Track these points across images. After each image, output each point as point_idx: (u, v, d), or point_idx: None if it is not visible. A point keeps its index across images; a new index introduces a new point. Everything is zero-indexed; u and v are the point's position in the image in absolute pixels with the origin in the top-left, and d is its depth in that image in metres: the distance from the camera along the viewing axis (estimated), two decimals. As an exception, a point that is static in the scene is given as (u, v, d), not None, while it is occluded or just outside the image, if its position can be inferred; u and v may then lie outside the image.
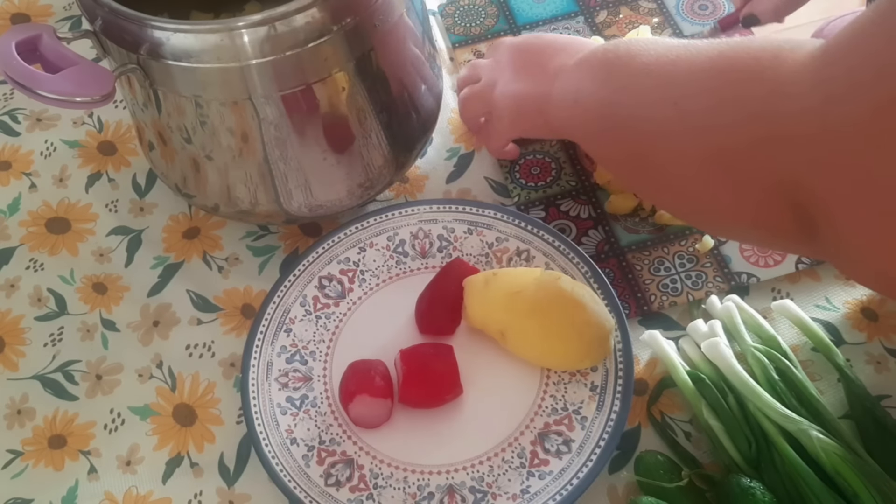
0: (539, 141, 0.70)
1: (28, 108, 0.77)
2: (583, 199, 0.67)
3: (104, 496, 0.57)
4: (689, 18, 0.77)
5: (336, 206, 0.62)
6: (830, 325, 0.59)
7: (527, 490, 0.53)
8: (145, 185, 0.71)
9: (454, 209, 0.65)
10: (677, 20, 0.77)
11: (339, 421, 0.58)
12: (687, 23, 0.77)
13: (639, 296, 0.61)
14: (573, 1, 0.80)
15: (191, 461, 0.58)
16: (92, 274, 0.67)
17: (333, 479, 0.55)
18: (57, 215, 0.70)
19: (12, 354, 0.64)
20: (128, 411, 0.61)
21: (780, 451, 0.51)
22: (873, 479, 0.48)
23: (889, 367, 0.57)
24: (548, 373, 0.58)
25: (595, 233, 0.65)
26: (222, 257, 0.67)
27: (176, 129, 0.57)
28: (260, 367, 0.59)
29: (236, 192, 0.60)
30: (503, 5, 0.80)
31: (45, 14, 0.83)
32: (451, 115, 0.73)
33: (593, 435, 0.54)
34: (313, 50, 0.51)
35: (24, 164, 0.73)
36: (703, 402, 0.54)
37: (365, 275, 0.64)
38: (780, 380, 0.54)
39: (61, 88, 0.49)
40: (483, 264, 0.63)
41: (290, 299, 0.62)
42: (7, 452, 0.60)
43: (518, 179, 0.68)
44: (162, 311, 0.65)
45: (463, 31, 0.79)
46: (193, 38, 0.50)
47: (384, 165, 0.62)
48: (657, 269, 0.62)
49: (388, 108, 0.60)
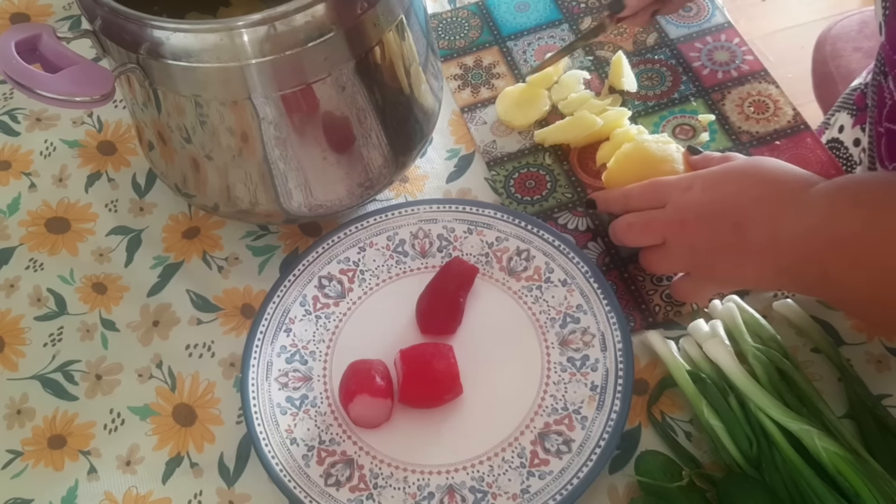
0: (533, 154, 0.69)
1: (28, 107, 0.77)
2: (580, 211, 0.66)
3: (104, 496, 0.57)
4: (674, 21, 0.77)
5: (336, 205, 0.62)
6: (830, 326, 0.59)
7: (527, 490, 0.53)
8: (145, 184, 0.71)
9: (454, 209, 0.65)
10: (662, 23, 0.77)
11: (339, 421, 0.58)
12: (672, 25, 0.76)
13: (643, 307, 0.61)
14: (556, 9, 0.79)
15: (191, 461, 0.58)
16: (92, 274, 0.67)
17: (333, 479, 0.55)
18: (57, 215, 0.70)
19: (12, 354, 0.64)
20: (128, 411, 0.61)
21: (782, 450, 0.51)
22: (874, 479, 0.48)
23: (890, 366, 0.57)
24: (548, 373, 0.58)
25: (595, 245, 0.65)
26: (222, 257, 0.67)
27: (176, 128, 0.57)
28: (260, 366, 0.59)
29: (236, 192, 0.60)
30: (486, 16, 0.79)
31: (45, 14, 0.83)
32: (451, 116, 0.73)
33: (593, 435, 0.54)
34: (313, 50, 0.51)
35: (24, 163, 0.73)
36: (703, 402, 0.54)
37: (365, 274, 0.64)
38: (781, 379, 0.54)
39: (61, 88, 0.49)
40: (483, 264, 0.63)
41: (289, 299, 0.62)
42: (7, 452, 0.60)
43: (514, 194, 0.68)
44: (162, 310, 0.65)
45: (447, 45, 0.78)
46: (193, 38, 0.50)
47: (384, 165, 0.62)
48: (659, 278, 0.62)
49: (388, 108, 0.60)
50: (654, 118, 0.71)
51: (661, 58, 0.75)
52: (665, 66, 0.74)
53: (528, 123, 0.71)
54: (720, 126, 0.70)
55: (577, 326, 0.59)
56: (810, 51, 1.10)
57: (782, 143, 0.68)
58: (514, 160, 0.70)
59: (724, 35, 0.75)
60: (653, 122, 0.71)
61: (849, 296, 0.52)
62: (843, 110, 0.86)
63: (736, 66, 0.73)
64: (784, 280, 0.54)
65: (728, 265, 0.55)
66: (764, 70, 0.73)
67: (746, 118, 0.70)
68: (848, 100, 0.87)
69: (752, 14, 1.90)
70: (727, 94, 0.71)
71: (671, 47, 0.75)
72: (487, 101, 0.74)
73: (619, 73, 0.72)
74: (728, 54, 0.74)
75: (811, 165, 0.66)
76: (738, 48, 0.74)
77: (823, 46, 1.07)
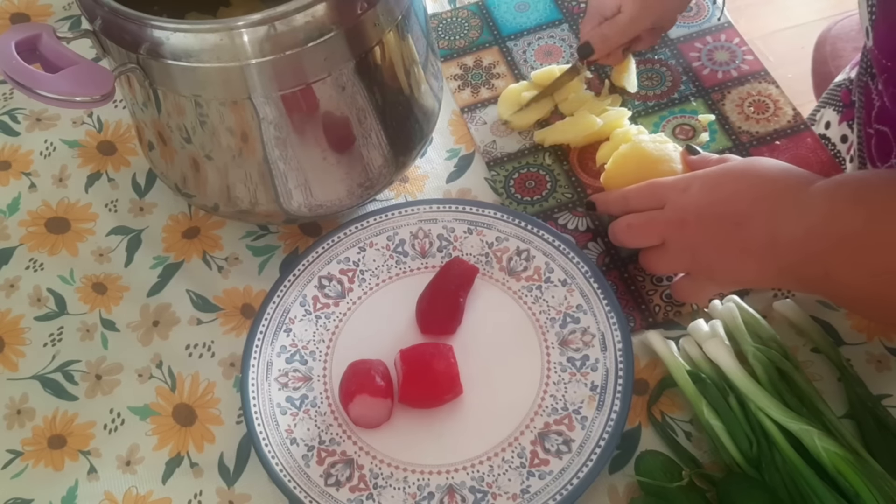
0: (532, 154, 0.70)
1: (28, 107, 0.77)
2: (580, 212, 0.66)
3: (104, 496, 0.57)
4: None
5: (336, 205, 0.62)
6: (830, 326, 0.59)
7: (527, 490, 0.53)
8: (145, 184, 0.71)
9: (454, 209, 0.65)
10: None
11: (339, 421, 0.58)
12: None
13: (643, 307, 0.61)
14: (556, 9, 0.79)
15: (191, 461, 0.58)
16: (92, 274, 0.67)
17: (333, 479, 0.55)
18: (56, 215, 0.70)
19: (12, 354, 0.64)
20: (127, 411, 0.61)
21: (782, 450, 0.51)
22: (874, 479, 0.48)
23: (890, 366, 0.57)
24: (548, 373, 0.58)
25: (595, 245, 0.65)
26: (222, 257, 0.67)
27: (175, 128, 0.57)
28: (260, 366, 0.59)
29: (236, 192, 0.60)
30: (486, 16, 0.79)
31: (45, 14, 0.83)
32: (451, 116, 0.73)
33: (593, 435, 0.54)
34: (313, 50, 0.51)
35: (24, 163, 0.73)
36: (703, 402, 0.54)
37: (365, 274, 0.64)
38: (781, 379, 0.54)
39: (61, 88, 0.49)
40: (483, 264, 0.63)
41: (289, 299, 0.62)
42: (7, 452, 0.60)
43: (514, 194, 0.68)
44: (162, 310, 0.65)
45: (447, 45, 0.78)
46: (193, 38, 0.50)
47: (384, 165, 0.62)
48: (659, 279, 0.62)
49: (388, 108, 0.60)
50: (654, 118, 0.71)
51: (661, 58, 0.75)
52: (665, 66, 0.74)
53: (529, 123, 0.71)
54: (720, 126, 0.70)
55: (577, 326, 0.59)
56: (810, 51, 1.10)
57: (782, 143, 0.68)
58: (514, 160, 0.70)
59: (724, 35, 0.75)
60: (653, 122, 0.71)
61: (851, 294, 0.52)
62: (828, 106, 0.86)
63: (736, 66, 0.73)
64: (786, 279, 0.54)
65: (729, 265, 0.55)
66: (764, 70, 0.73)
67: (746, 118, 0.70)
68: (833, 95, 0.86)
69: (752, 14, 1.90)
70: (727, 94, 0.71)
71: (671, 47, 0.75)
72: (487, 101, 0.74)
73: (624, 71, 0.72)
74: (728, 54, 0.74)
75: (811, 165, 0.66)
76: (738, 48, 0.74)
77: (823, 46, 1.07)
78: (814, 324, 0.58)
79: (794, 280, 0.53)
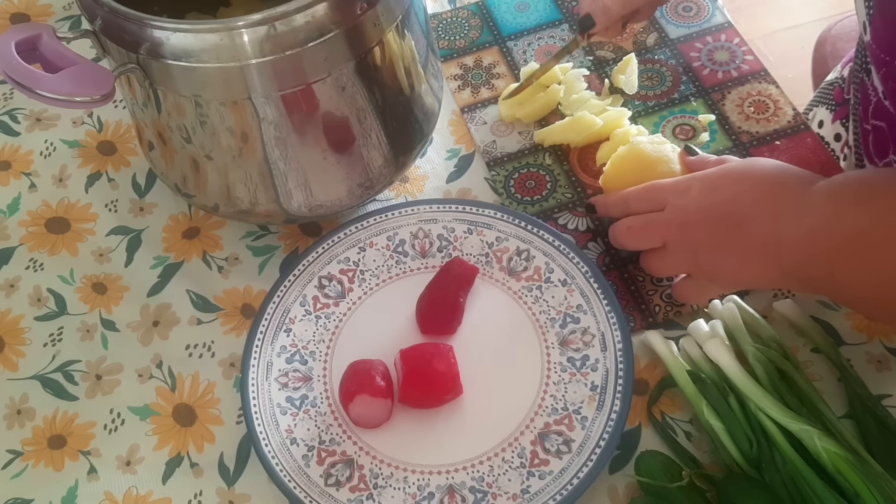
0: (533, 154, 0.70)
1: (28, 107, 0.77)
2: (580, 212, 0.66)
3: (104, 496, 0.57)
4: (674, 21, 0.77)
5: (336, 206, 0.62)
6: (830, 326, 0.59)
7: (527, 490, 0.53)
8: (145, 184, 0.71)
9: (454, 209, 0.65)
10: (662, 23, 0.77)
11: (339, 421, 0.58)
12: (672, 25, 0.76)
13: (643, 307, 0.61)
14: (556, 9, 0.79)
15: (191, 461, 0.58)
16: (92, 274, 0.67)
17: (333, 479, 0.55)
18: (56, 215, 0.70)
19: (12, 354, 0.64)
20: (128, 411, 0.61)
21: (782, 451, 0.51)
22: (875, 480, 0.48)
23: (890, 366, 0.57)
24: (548, 373, 0.58)
25: (595, 245, 0.65)
26: (222, 257, 0.67)
27: (176, 128, 0.57)
28: (260, 367, 0.59)
29: (236, 192, 0.60)
30: (486, 16, 0.79)
31: (45, 14, 0.83)
32: (451, 116, 0.73)
33: (593, 435, 0.54)
34: (313, 50, 0.51)
35: (24, 163, 0.73)
36: (703, 402, 0.54)
37: (365, 275, 0.64)
38: (781, 379, 0.54)
39: (61, 88, 0.49)
40: (483, 264, 0.63)
41: (289, 299, 0.62)
42: (7, 452, 0.60)
43: (514, 194, 0.68)
44: (162, 311, 0.65)
45: (447, 45, 0.78)
46: (193, 38, 0.50)
47: (384, 165, 0.62)
48: (659, 279, 0.62)
49: (389, 108, 0.60)
50: (654, 118, 0.71)
51: (661, 58, 0.75)
52: (665, 66, 0.74)
53: (525, 114, 0.71)
54: (720, 126, 0.70)
55: (577, 326, 0.59)
56: (810, 51, 1.10)
57: (782, 143, 0.68)
58: (514, 160, 0.70)
59: (724, 35, 0.75)
60: (653, 122, 0.71)
61: (856, 294, 0.52)
62: (820, 105, 0.86)
63: (736, 66, 0.73)
64: (789, 279, 0.54)
65: (731, 266, 0.55)
66: (764, 70, 0.73)
67: (746, 118, 0.70)
68: (826, 94, 0.86)
69: (752, 14, 1.90)
70: (727, 94, 0.71)
71: (671, 47, 0.75)
72: (487, 101, 0.74)
73: (624, 71, 0.72)
74: (728, 54, 0.74)
75: (811, 165, 0.66)
76: (738, 48, 0.74)
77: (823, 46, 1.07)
78: (814, 324, 0.58)
79: (797, 280, 0.53)
